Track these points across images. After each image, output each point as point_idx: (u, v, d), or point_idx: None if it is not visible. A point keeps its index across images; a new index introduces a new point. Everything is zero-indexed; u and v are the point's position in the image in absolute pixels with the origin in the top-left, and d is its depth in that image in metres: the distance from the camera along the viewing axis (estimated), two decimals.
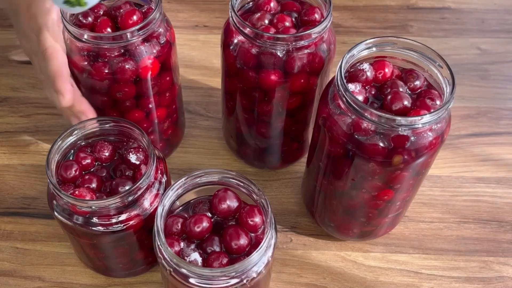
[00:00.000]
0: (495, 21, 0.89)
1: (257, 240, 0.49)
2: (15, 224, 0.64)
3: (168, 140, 0.69)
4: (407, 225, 0.65)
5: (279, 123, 0.62)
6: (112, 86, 0.57)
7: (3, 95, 0.76)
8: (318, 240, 0.64)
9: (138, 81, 0.57)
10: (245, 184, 0.50)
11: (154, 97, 0.61)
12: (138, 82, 0.57)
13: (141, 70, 0.56)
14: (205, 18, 0.88)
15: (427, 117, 0.46)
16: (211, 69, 0.80)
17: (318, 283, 0.61)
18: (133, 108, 0.60)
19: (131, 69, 0.56)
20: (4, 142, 0.72)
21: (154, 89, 0.60)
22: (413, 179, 0.53)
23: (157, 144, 0.67)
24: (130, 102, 0.60)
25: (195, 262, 0.47)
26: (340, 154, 0.52)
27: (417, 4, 0.91)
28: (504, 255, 0.63)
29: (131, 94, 0.58)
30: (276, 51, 0.54)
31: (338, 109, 0.50)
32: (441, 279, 0.61)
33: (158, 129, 0.65)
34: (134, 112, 0.61)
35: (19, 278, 0.60)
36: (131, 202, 0.50)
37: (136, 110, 0.61)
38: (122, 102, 0.59)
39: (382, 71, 0.52)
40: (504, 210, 0.67)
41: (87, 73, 0.56)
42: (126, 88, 0.57)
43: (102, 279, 0.60)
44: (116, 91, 0.57)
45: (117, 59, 0.55)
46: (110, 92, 0.58)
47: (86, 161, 0.53)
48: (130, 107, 0.60)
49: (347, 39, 0.85)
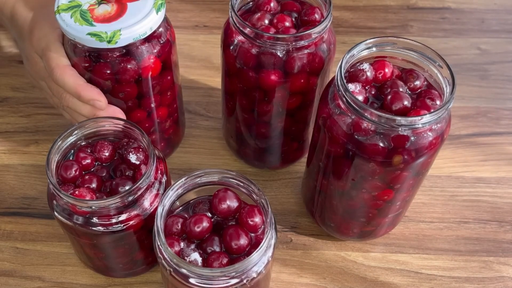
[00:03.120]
0: (495, 21, 0.89)
1: (257, 240, 0.49)
2: (15, 224, 0.64)
3: (170, 139, 0.69)
4: (407, 225, 0.65)
5: (279, 123, 0.62)
6: (114, 86, 0.57)
7: (3, 95, 0.76)
8: (318, 240, 0.64)
9: (140, 81, 0.57)
10: (245, 184, 0.50)
11: (156, 97, 0.61)
12: (140, 82, 0.57)
13: (142, 70, 0.56)
14: (205, 18, 0.88)
15: (427, 117, 0.46)
16: (211, 69, 0.80)
17: (318, 283, 0.61)
18: (135, 108, 0.60)
19: (133, 69, 0.56)
20: (4, 142, 0.72)
21: (155, 89, 0.60)
22: (413, 179, 0.53)
23: (158, 144, 0.67)
24: (132, 102, 0.60)
25: (195, 262, 0.47)
26: (340, 154, 0.52)
27: (417, 4, 0.91)
28: (504, 255, 0.63)
29: (133, 94, 0.58)
30: (276, 51, 0.54)
31: (338, 109, 0.50)
32: (441, 279, 0.61)
33: (159, 128, 0.65)
34: (136, 112, 0.61)
35: (19, 278, 0.60)
36: (131, 202, 0.50)
37: (138, 110, 0.61)
38: (124, 102, 0.59)
39: (382, 71, 0.52)
40: (504, 210, 0.67)
41: (88, 74, 0.56)
42: (128, 88, 0.57)
43: (102, 279, 0.60)
44: (119, 91, 0.57)
45: (118, 59, 0.55)
46: (113, 92, 0.58)
47: (86, 161, 0.53)
48: (132, 107, 0.60)
49: (347, 39, 0.85)
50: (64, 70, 0.56)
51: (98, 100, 0.56)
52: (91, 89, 0.56)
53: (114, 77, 0.56)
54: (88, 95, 0.56)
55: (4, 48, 0.82)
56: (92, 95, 0.56)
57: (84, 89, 0.56)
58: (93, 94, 0.56)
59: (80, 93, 0.56)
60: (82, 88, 0.56)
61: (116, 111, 0.58)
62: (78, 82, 0.56)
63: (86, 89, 0.56)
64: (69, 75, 0.56)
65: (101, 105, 0.56)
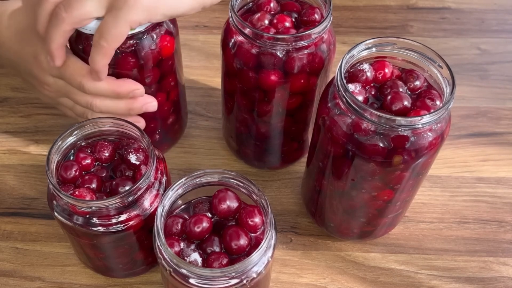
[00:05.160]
0: (495, 21, 0.89)
1: (257, 240, 0.49)
2: (15, 224, 0.64)
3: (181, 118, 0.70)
4: (407, 225, 0.65)
5: (279, 123, 0.62)
6: (140, 73, 0.57)
7: (3, 95, 0.76)
8: (318, 240, 0.64)
9: (161, 62, 0.58)
10: (245, 184, 0.50)
11: (172, 76, 0.62)
12: (161, 63, 0.58)
13: (162, 50, 0.57)
14: (205, 18, 0.88)
15: (427, 117, 0.46)
16: (211, 69, 0.80)
17: (318, 283, 0.61)
18: (156, 91, 0.61)
19: (156, 51, 0.57)
20: (4, 142, 0.72)
21: (173, 67, 0.61)
22: (413, 179, 0.53)
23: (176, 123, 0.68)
24: (155, 85, 0.60)
25: (195, 263, 0.47)
26: (340, 154, 0.52)
27: (417, 4, 0.91)
28: (504, 255, 0.63)
29: (157, 76, 0.59)
30: (276, 51, 0.54)
31: (338, 109, 0.50)
32: (441, 279, 0.61)
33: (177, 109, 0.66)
34: (158, 95, 0.61)
35: (19, 278, 0.60)
36: (131, 203, 0.50)
37: (159, 93, 0.61)
38: (148, 87, 0.59)
39: (382, 71, 0.52)
40: (504, 210, 0.67)
41: (112, 69, 0.56)
42: (151, 72, 0.58)
43: (102, 279, 0.61)
44: (144, 77, 0.58)
45: (137, 46, 0.55)
46: (139, 80, 0.58)
47: (86, 161, 0.53)
48: (154, 91, 0.61)
49: (347, 39, 0.85)
50: (90, 77, 0.56)
51: (137, 89, 0.57)
52: (124, 82, 0.56)
53: (139, 64, 0.56)
54: (125, 88, 0.56)
55: None
56: (129, 86, 0.56)
57: (119, 85, 0.56)
58: (130, 85, 0.56)
59: (117, 90, 0.56)
60: (117, 84, 0.56)
61: (148, 97, 0.58)
62: (110, 81, 0.56)
63: (121, 84, 0.56)
64: (98, 79, 0.56)
65: (141, 92, 0.57)
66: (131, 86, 0.57)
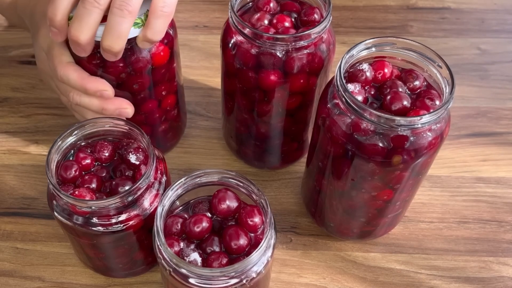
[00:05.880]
0: (495, 21, 0.89)
1: (257, 240, 0.49)
2: (15, 224, 0.64)
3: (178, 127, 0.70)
4: (407, 225, 0.65)
5: (279, 123, 0.62)
6: (129, 78, 0.57)
7: (3, 95, 0.76)
8: (318, 240, 0.64)
9: (153, 70, 0.58)
10: (244, 184, 0.50)
11: (165, 84, 0.61)
12: (152, 71, 0.58)
13: (153, 58, 0.57)
14: (205, 18, 0.88)
15: (427, 117, 0.46)
16: (211, 69, 0.80)
17: (318, 283, 0.61)
18: (146, 98, 0.61)
19: (146, 58, 0.56)
20: (4, 142, 0.72)
21: (165, 76, 0.60)
22: (413, 179, 0.53)
23: (168, 133, 0.68)
24: (145, 93, 0.60)
25: (195, 262, 0.47)
26: (340, 154, 0.52)
27: (417, 4, 0.91)
28: (504, 255, 0.63)
29: (146, 84, 0.59)
30: (275, 51, 0.54)
31: (337, 109, 0.50)
32: (441, 279, 0.61)
33: (167, 117, 0.66)
34: (148, 103, 0.61)
35: (19, 278, 0.60)
36: (131, 202, 0.50)
37: (150, 100, 0.61)
38: (137, 94, 0.59)
39: (382, 71, 0.52)
40: (504, 210, 0.67)
41: (100, 71, 0.56)
42: (141, 79, 0.58)
43: (102, 279, 0.61)
44: (132, 83, 0.58)
45: (130, 51, 0.55)
46: (126, 85, 0.58)
47: (86, 161, 0.53)
48: (144, 98, 0.60)
49: (347, 39, 0.85)
50: (67, 66, 0.56)
51: (105, 90, 0.56)
52: (95, 80, 0.56)
53: (127, 69, 0.56)
54: (94, 86, 0.55)
55: (5, 48, 0.82)
56: (98, 85, 0.55)
57: (89, 81, 0.55)
58: (98, 85, 0.56)
59: (85, 86, 0.55)
60: (87, 80, 0.55)
61: (124, 102, 0.58)
62: (82, 75, 0.55)
63: (91, 80, 0.55)
64: (72, 70, 0.55)
65: (108, 94, 0.56)
66: (99, 85, 0.56)
